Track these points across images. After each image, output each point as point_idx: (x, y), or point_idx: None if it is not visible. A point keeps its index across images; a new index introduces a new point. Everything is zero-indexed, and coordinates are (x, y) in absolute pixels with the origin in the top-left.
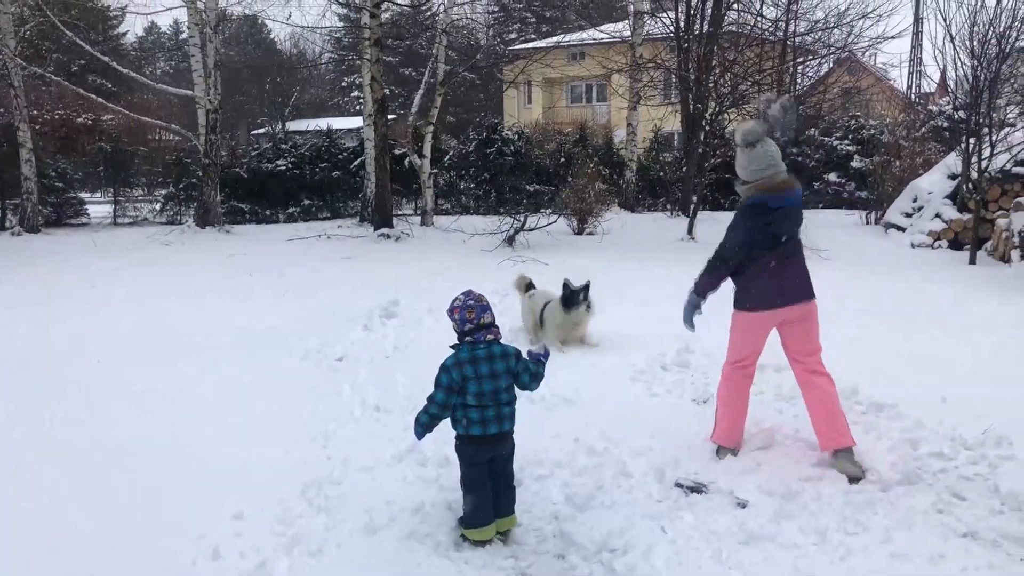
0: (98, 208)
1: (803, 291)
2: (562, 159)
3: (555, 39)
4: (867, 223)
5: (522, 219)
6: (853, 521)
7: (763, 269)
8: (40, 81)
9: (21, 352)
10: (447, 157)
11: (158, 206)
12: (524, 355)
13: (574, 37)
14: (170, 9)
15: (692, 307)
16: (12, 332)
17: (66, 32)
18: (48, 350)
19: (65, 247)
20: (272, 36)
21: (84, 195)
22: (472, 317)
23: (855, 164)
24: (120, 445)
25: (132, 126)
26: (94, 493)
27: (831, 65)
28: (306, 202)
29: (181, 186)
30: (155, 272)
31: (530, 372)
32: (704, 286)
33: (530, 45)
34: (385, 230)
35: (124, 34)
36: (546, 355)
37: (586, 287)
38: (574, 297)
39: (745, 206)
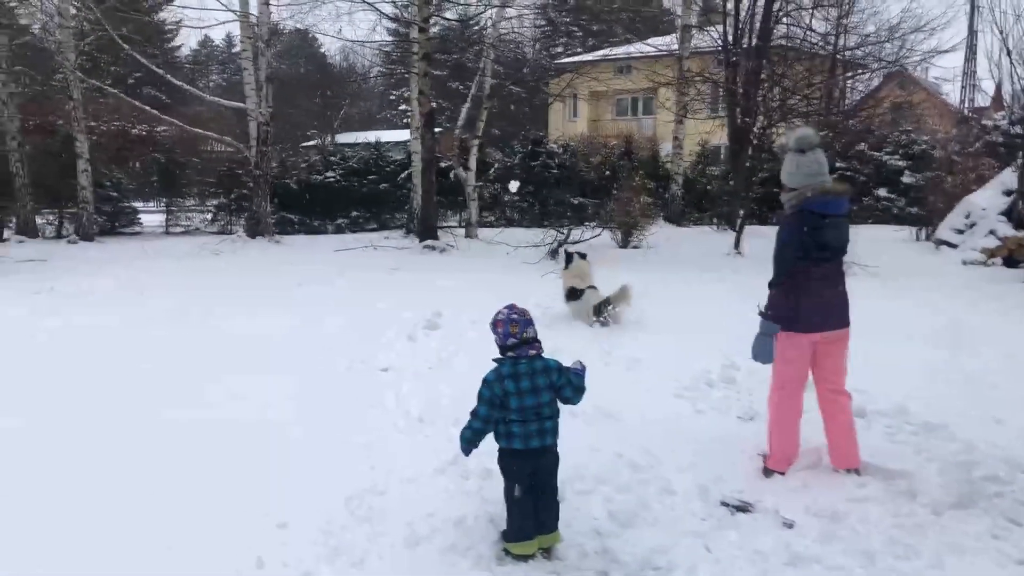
0: (151, 217)
1: (844, 317)
2: (607, 172)
3: (602, 53)
4: (917, 239)
5: (566, 232)
6: (902, 545)
7: (807, 286)
8: (98, 93)
9: (68, 359)
10: (492, 170)
11: (209, 216)
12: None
13: (621, 51)
14: (224, 23)
15: (767, 337)
16: (58, 336)
17: (124, 46)
18: (95, 356)
19: (118, 255)
20: (323, 50)
21: (137, 205)
22: (516, 331)
23: (905, 179)
24: (165, 452)
25: (185, 137)
26: (140, 498)
27: (881, 79)
28: (354, 213)
29: (232, 197)
30: (204, 281)
31: (572, 386)
32: (780, 307)
33: (577, 59)
34: (430, 242)
35: (179, 47)
36: (583, 369)
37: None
38: (569, 258)
39: (795, 212)
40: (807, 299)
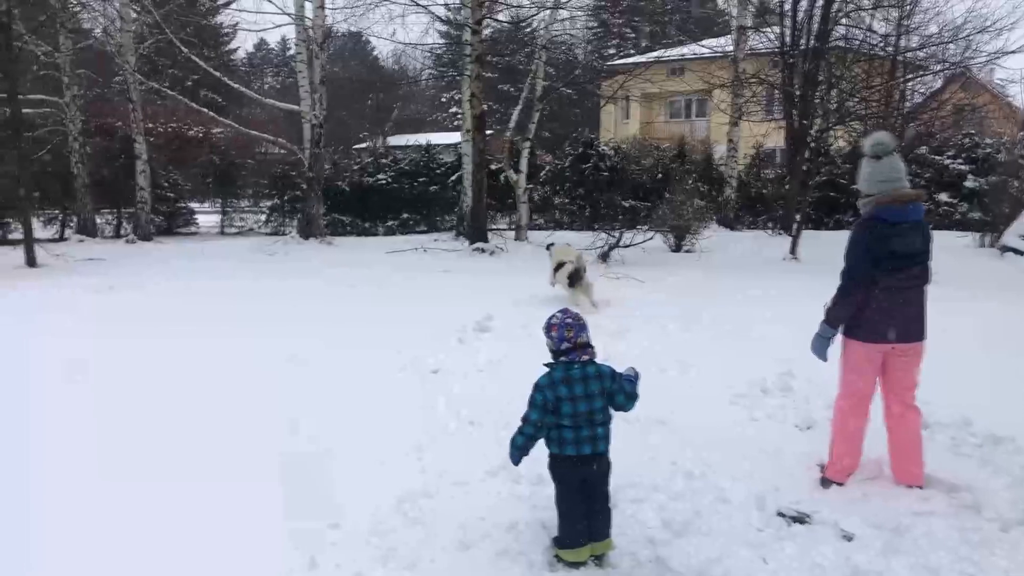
0: (206, 218)
1: (917, 330)
2: (659, 175)
3: (655, 54)
4: (981, 246)
5: (617, 235)
6: (969, 561)
7: (875, 295)
8: (156, 96)
9: (120, 362)
10: (543, 172)
11: (263, 217)
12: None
13: (674, 52)
14: (279, 26)
15: (825, 339)
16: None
17: (182, 49)
18: (151, 356)
19: (174, 255)
20: (375, 53)
21: (193, 205)
22: (571, 336)
23: (968, 184)
24: (220, 450)
25: (240, 139)
26: (195, 499)
27: (944, 81)
28: (404, 215)
29: (285, 198)
30: (258, 283)
31: (625, 392)
32: (838, 314)
33: (629, 60)
34: (480, 244)
35: (235, 50)
36: (636, 376)
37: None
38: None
39: (862, 220)
40: (874, 308)
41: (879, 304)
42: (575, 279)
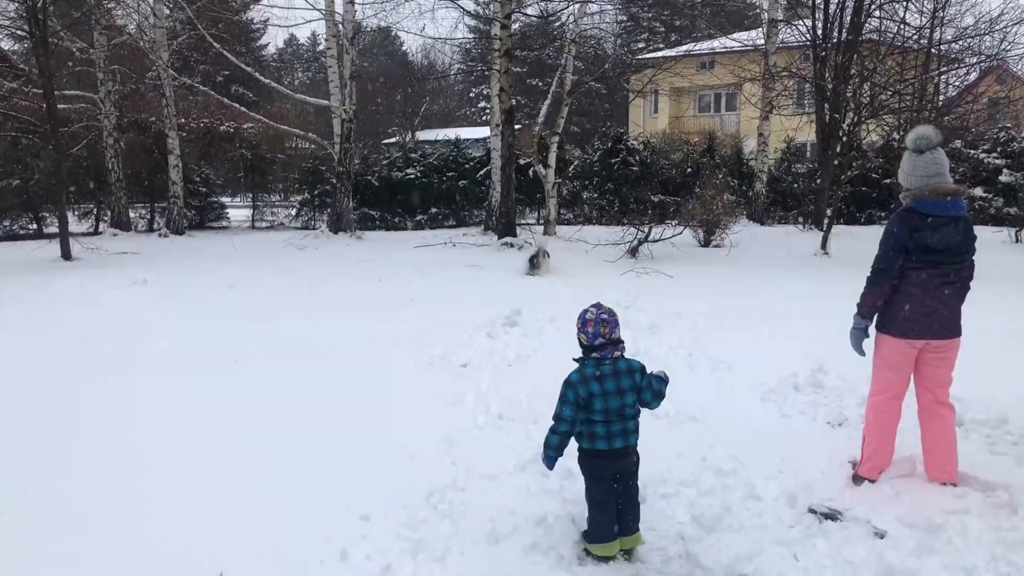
0: (237, 212)
1: (952, 326)
2: (689, 169)
3: (684, 48)
4: (1017, 241)
5: (646, 230)
6: (1005, 561)
7: (909, 290)
8: (188, 91)
9: (162, 349)
10: (571, 167)
11: (293, 211)
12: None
13: (704, 46)
14: (309, 22)
15: (859, 331)
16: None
17: (214, 44)
18: (185, 348)
19: (207, 248)
20: (404, 48)
21: (225, 200)
22: (606, 332)
23: (1004, 178)
24: (251, 442)
25: (271, 134)
26: (226, 489)
27: (979, 74)
28: (433, 210)
29: (316, 192)
30: (290, 277)
31: (653, 390)
32: (868, 305)
33: (659, 54)
34: (508, 239)
35: (265, 46)
36: (666, 380)
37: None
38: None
39: (898, 212)
40: (908, 303)
41: (914, 300)
42: (536, 262)
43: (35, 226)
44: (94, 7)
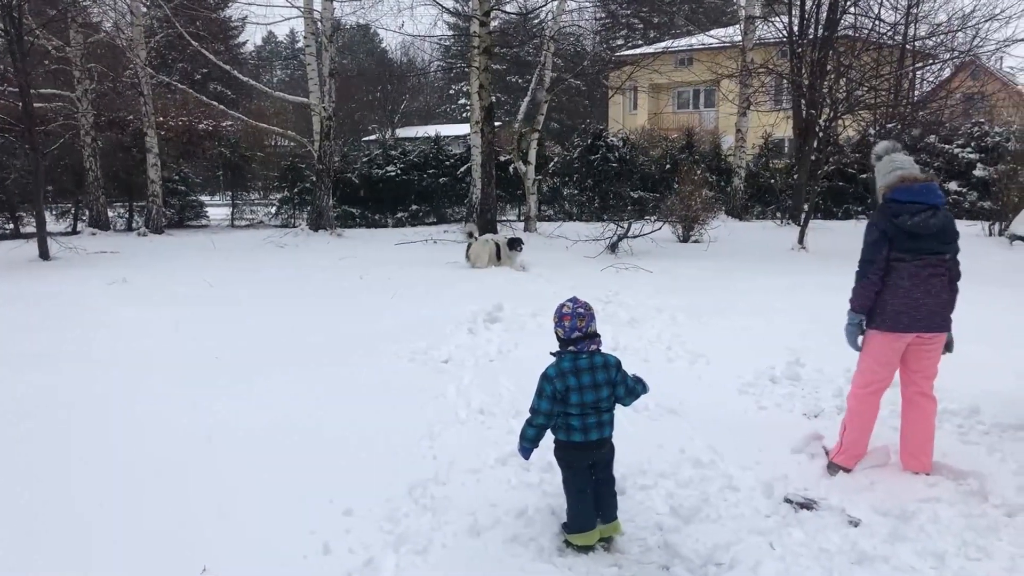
0: (217, 211)
1: (939, 320)
2: (668, 165)
3: (663, 45)
4: (990, 235)
5: (626, 226)
6: (974, 547)
7: (897, 284)
8: (166, 89)
9: (148, 351)
10: (551, 163)
11: (273, 209)
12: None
13: (682, 43)
14: (287, 19)
15: (853, 327)
16: (137, 329)
17: (192, 42)
18: (168, 347)
19: (186, 247)
20: (383, 45)
21: (204, 198)
22: (582, 326)
23: (977, 173)
24: (236, 439)
25: (250, 132)
26: (210, 485)
27: (953, 70)
28: (414, 207)
29: (295, 190)
30: (270, 274)
31: (627, 387)
32: (860, 299)
33: (637, 51)
34: (489, 236)
35: (244, 43)
36: (644, 385)
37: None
38: (516, 243)
39: (878, 206)
40: (895, 298)
41: (901, 293)
42: (500, 255)
43: (12, 226)
44: (70, 5)
